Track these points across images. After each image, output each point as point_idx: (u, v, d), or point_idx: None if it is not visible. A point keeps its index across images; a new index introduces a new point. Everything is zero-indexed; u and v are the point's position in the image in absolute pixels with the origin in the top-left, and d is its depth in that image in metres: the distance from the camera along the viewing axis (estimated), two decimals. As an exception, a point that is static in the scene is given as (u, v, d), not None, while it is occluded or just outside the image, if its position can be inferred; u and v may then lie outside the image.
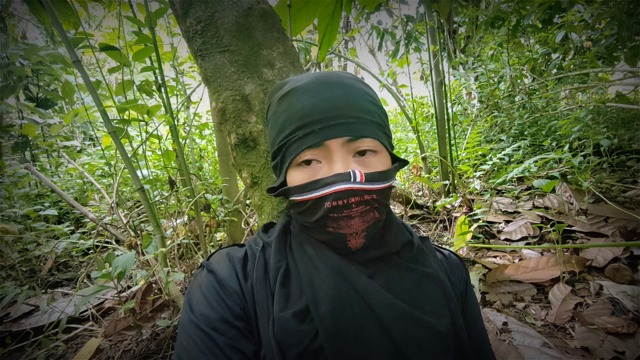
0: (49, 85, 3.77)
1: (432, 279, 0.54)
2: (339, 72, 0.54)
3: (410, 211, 2.56)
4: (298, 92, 0.50)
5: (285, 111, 0.50)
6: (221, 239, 2.22)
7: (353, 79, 0.52)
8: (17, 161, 4.11)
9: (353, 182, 0.46)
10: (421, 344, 0.47)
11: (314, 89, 0.49)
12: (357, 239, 0.49)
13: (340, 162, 0.47)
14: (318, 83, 0.49)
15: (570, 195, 2.03)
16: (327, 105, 0.47)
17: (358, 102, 0.49)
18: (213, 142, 3.76)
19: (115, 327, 1.39)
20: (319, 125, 0.47)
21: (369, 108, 0.50)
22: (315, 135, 0.47)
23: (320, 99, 0.48)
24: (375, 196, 0.48)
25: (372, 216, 0.49)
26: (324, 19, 1.49)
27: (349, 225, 0.48)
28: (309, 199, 0.49)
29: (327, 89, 0.49)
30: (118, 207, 2.12)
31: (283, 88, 0.53)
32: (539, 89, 3.71)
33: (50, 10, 1.24)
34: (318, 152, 0.48)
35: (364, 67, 3.29)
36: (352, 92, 0.49)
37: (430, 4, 2.45)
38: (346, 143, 0.47)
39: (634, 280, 1.37)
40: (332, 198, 0.46)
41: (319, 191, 0.47)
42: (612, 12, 2.49)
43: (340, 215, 0.47)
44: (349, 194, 0.46)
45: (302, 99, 0.49)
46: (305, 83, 0.50)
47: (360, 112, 0.48)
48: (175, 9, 0.95)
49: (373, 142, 0.49)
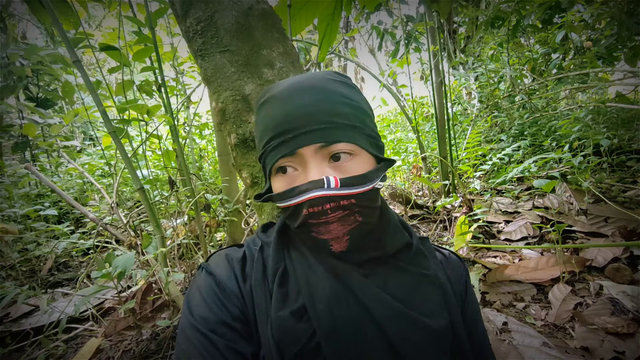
0: (49, 85, 3.77)
1: (431, 280, 0.54)
2: (314, 74, 0.53)
3: (410, 211, 2.56)
4: (273, 100, 0.50)
5: (263, 119, 0.51)
6: (221, 239, 2.22)
7: (328, 81, 0.51)
8: (17, 161, 4.11)
9: (327, 189, 0.46)
10: (417, 344, 0.47)
11: (286, 96, 0.49)
12: (340, 243, 0.49)
13: (314, 168, 0.47)
14: (291, 90, 0.49)
15: (570, 195, 2.03)
16: (298, 112, 0.47)
17: (330, 107, 0.48)
18: (213, 142, 3.76)
19: (115, 327, 1.39)
20: (291, 133, 0.47)
21: (343, 111, 0.49)
22: (288, 144, 0.47)
23: (292, 106, 0.48)
24: (354, 200, 0.48)
25: (353, 220, 0.48)
26: (324, 19, 1.49)
27: (329, 230, 0.48)
28: (288, 206, 0.49)
29: (298, 95, 0.48)
30: (118, 207, 2.12)
31: (265, 96, 0.53)
32: (539, 89, 3.71)
33: (50, 10, 1.24)
34: (293, 159, 0.49)
35: (364, 67, 3.30)
36: (325, 96, 0.49)
37: (430, 4, 2.45)
38: (319, 149, 0.47)
39: (634, 280, 1.37)
40: (308, 205, 0.47)
41: (295, 199, 0.47)
42: (612, 12, 2.48)
43: (319, 221, 0.48)
44: (323, 201, 0.46)
45: (275, 108, 0.49)
46: (280, 91, 0.50)
47: (332, 117, 0.48)
48: (175, 9, 0.95)
49: (348, 146, 0.48)
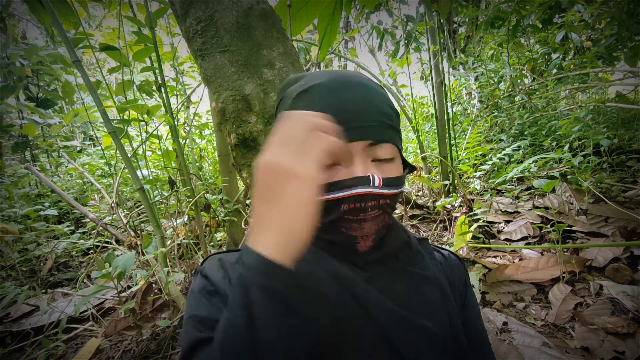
0: (49, 85, 3.77)
1: (430, 281, 0.54)
2: (355, 72, 0.53)
3: (410, 211, 2.56)
4: (319, 89, 0.49)
5: (305, 108, 0.49)
6: (221, 239, 2.22)
7: (371, 81, 0.52)
8: (17, 161, 4.11)
9: (372, 187, 0.46)
10: (419, 347, 0.48)
11: (335, 88, 0.48)
12: (367, 241, 0.50)
13: (360, 165, 0.47)
14: (339, 82, 0.49)
15: (570, 195, 2.03)
16: (350, 106, 0.47)
17: (379, 105, 0.49)
18: (213, 142, 3.76)
19: (115, 327, 1.39)
20: (344, 125, 0.46)
21: (389, 112, 0.50)
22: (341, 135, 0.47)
23: (343, 99, 0.47)
24: (389, 201, 0.48)
25: (382, 220, 0.49)
26: (324, 19, 1.49)
27: (362, 228, 0.48)
28: (325, 200, 0.48)
29: (348, 89, 0.48)
30: (118, 207, 2.12)
31: (300, 83, 0.52)
32: (539, 89, 3.71)
33: (50, 10, 1.24)
34: (339, 152, 0.48)
35: (364, 67, 3.30)
36: (373, 94, 0.49)
37: (430, 4, 2.45)
38: (367, 147, 0.47)
39: (634, 280, 1.37)
40: (350, 201, 0.46)
41: (337, 193, 0.47)
42: (612, 12, 2.49)
43: (356, 217, 0.47)
44: (367, 198, 0.46)
45: (323, 98, 0.48)
46: (326, 81, 0.49)
47: (381, 116, 0.48)
48: (175, 9, 0.95)
49: (392, 148, 0.49)
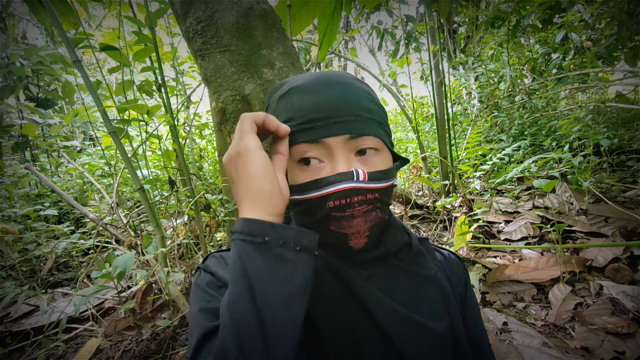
0: (49, 85, 3.77)
1: (430, 281, 0.54)
2: (338, 71, 0.54)
3: (410, 211, 2.56)
4: (298, 91, 0.49)
5: (285, 110, 0.50)
6: (221, 239, 2.21)
7: (353, 79, 0.52)
8: (17, 161, 4.11)
9: (356, 181, 0.45)
10: (419, 346, 0.47)
11: (313, 87, 0.49)
12: (360, 239, 0.48)
13: (342, 160, 0.47)
14: (318, 82, 0.49)
15: (570, 195, 2.03)
16: (327, 104, 0.47)
17: (358, 101, 0.49)
18: (213, 142, 3.76)
19: (115, 327, 1.39)
20: (320, 122, 0.46)
21: (370, 107, 0.50)
22: (316, 132, 0.47)
23: (321, 97, 0.48)
24: (377, 195, 0.48)
25: (374, 216, 0.48)
26: (324, 19, 1.49)
27: (351, 225, 0.47)
28: (310, 198, 0.48)
29: (327, 88, 0.48)
30: (118, 207, 2.12)
31: (282, 88, 0.53)
32: (539, 89, 3.71)
33: (50, 10, 1.24)
34: (319, 150, 0.48)
35: (364, 67, 3.30)
36: (352, 91, 0.49)
37: (430, 4, 2.45)
38: (347, 141, 0.47)
39: (634, 280, 1.37)
40: (335, 197, 0.46)
41: (321, 190, 0.46)
42: (612, 12, 2.49)
43: (343, 214, 0.47)
44: (352, 193, 0.45)
45: (301, 98, 0.49)
46: (305, 82, 0.50)
47: (360, 111, 0.48)
48: (175, 9, 0.95)
49: (374, 141, 0.49)
